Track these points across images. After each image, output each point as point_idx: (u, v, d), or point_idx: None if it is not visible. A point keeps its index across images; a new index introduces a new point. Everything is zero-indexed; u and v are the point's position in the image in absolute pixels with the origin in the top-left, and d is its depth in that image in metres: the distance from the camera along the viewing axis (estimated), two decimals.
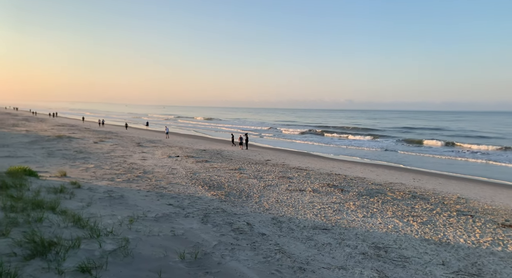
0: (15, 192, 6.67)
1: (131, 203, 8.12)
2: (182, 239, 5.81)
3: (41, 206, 5.91)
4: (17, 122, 43.13)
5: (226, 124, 74.49)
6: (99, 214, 6.38)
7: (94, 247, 4.48)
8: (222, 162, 18.44)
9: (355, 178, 15.38)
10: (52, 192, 7.52)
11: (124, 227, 5.74)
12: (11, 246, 3.94)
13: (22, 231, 4.54)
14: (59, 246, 4.16)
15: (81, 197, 7.80)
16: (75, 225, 5.25)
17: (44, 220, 5.16)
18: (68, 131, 33.62)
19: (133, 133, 37.27)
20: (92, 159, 16.40)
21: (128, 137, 31.53)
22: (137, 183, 11.30)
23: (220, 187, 11.78)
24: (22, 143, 21.08)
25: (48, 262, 3.75)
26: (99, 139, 27.66)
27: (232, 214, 8.37)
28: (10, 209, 5.36)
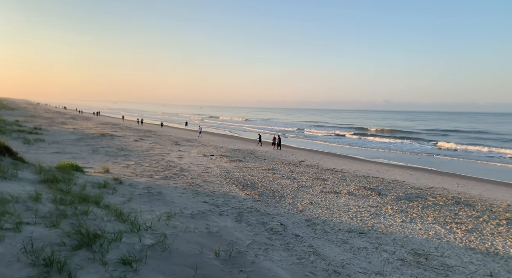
0: (64, 186, 7.13)
1: (168, 199, 8.39)
2: (217, 237, 5.91)
3: (87, 200, 6.27)
4: (66, 120, 46.13)
5: (257, 125, 74.58)
6: (139, 209, 6.66)
7: (134, 241, 4.68)
8: (255, 162, 18.54)
9: (393, 181, 14.82)
10: (96, 187, 7.96)
11: (162, 223, 5.94)
12: (61, 236, 4.21)
13: (70, 222, 4.84)
14: (103, 238, 4.39)
15: (122, 192, 8.19)
16: (117, 219, 5.52)
17: (90, 213, 5.46)
18: (111, 129, 35.42)
19: (171, 132, 38.51)
20: (133, 156, 17.16)
21: (166, 136, 32.62)
22: (174, 180, 11.66)
23: (254, 187, 11.84)
24: (70, 140, 22.51)
25: (93, 253, 3.97)
26: (139, 137, 28.88)
27: (265, 214, 8.39)
28: (60, 201, 5.74)
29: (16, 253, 3.54)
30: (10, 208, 4.81)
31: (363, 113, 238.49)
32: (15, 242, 3.80)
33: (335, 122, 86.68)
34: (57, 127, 33.43)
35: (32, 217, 4.70)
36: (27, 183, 6.72)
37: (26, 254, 3.57)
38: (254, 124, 74.99)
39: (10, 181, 6.51)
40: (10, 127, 24.72)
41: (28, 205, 5.22)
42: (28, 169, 7.97)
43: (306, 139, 43.70)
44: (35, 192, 5.83)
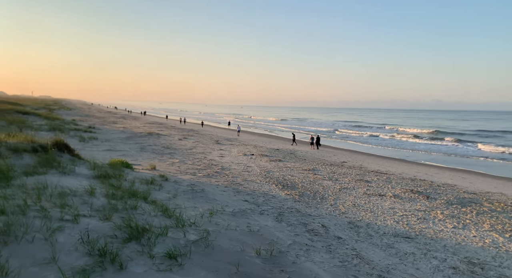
0: (115, 182, 7.58)
1: (210, 197, 8.61)
2: (258, 235, 5.95)
3: (136, 195, 6.61)
4: (116, 120, 49.11)
5: (291, 124, 73.58)
6: (183, 206, 6.90)
7: (179, 236, 4.86)
8: (295, 162, 18.40)
9: (443, 185, 13.94)
10: (144, 183, 8.36)
11: (205, 219, 6.11)
12: (113, 229, 4.49)
13: (121, 216, 5.14)
14: (150, 232, 4.61)
15: (168, 188, 8.53)
16: (163, 214, 5.76)
17: (138, 208, 5.76)
18: (157, 128, 37.10)
19: (212, 132, 39.46)
20: (177, 154, 17.83)
21: (207, 135, 33.49)
22: (216, 178, 11.93)
23: (294, 187, 11.76)
24: (120, 139, 23.93)
25: (142, 246, 4.18)
26: (183, 136, 29.93)
27: (306, 214, 8.30)
28: (111, 196, 6.12)
29: (74, 243, 3.83)
30: (69, 201, 5.21)
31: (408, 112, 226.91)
32: (73, 232, 4.11)
33: (374, 122, 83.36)
34: (108, 126, 35.68)
35: (88, 210, 5.05)
36: (83, 178, 7.25)
37: (83, 244, 3.85)
38: (288, 124, 74.13)
39: (68, 176, 7.06)
40: (68, 126, 26.83)
41: (84, 198, 5.62)
42: (83, 165, 8.58)
43: (340, 139, 42.45)
44: (90, 186, 6.26)
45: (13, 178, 5.72)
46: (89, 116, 52.37)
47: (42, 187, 5.53)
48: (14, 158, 7.15)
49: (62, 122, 29.97)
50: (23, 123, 22.53)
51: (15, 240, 3.57)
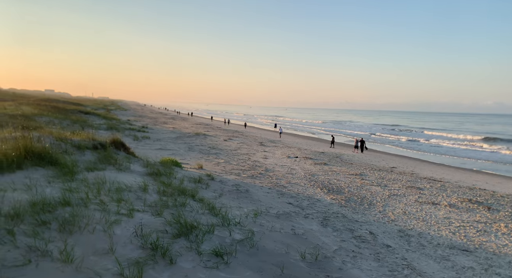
0: (165, 179, 7.94)
1: (255, 198, 8.67)
2: (302, 239, 5.88)
3: (184, 193, 6.87)
4: (166, 120, 51.51)
5: (329, 127, 71.13)
6: (228, 205, 7.04)
7: (225, 234, 4.96)
8: (341, 166, 17.92)
9: (507, 196, 12.71)
10: (192, 182, 8.67)
11: (249, 220, 6.17)
12: (163, 224, 4.70)
13: (171, 212, 5.37)
14: (198, 229, 4.76)
15: (214, 188, 8.75)
16: (210, 213, 5.92)
17: (187, 205, 5.97)
18: (204, 129, 38.28)
19: (255, 133, 39.81)
20: (222, 155, 18.23)
21: (251, 136, 33.85)
22: (260, 180, 12.00)
23: (340, 192, 11.45)
24: (170, 138, 25.05)
25: (190, 242, 4.33)
26: (228, 137, 30.57)
27: (353, 220, 8.03)
28: (162, 193, 6.42)
29: (129, 236, 4.08)
30: (125, 196, 5.55)
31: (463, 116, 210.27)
32: (128, 226, 4.38)
33: (418, 126, 78.33)
34: (159, 126, 37.53)
35: (141, 205, 5.35)
36: (137, 174, 7.69)
37: (137, 238, 4.08)
38: (328, 127, 71.77)
39: (124, 173, 7.53)
40: (123, 126, 28.67)
41: (138, 194, 5.96)
42: (138, 163, 9.10)
43: (379, 143, 40.28)
44: (143, 183, 6.63)
45: (77, 173, 6.23)
46: (142, 117, 55.49)
47: (101, 182, 5.95)
48: (77, 154, 7.78)
49: (118, 122, 32.10)
50: (84, 122, 24.50)
51: (79, 230, 3.88)
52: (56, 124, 17.99)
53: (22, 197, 4.37)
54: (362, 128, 69.50)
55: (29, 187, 4.89)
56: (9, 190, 4.57)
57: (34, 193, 4.65)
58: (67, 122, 21.66)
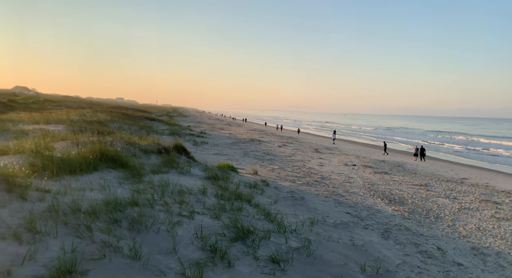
0: (223, 183, 8.18)
1: (311, 205, 8.52)
2: (362, 251, 5.61)
3: (241, 197, 7.00)
4: (223, 126, 53.20)
5: (380, 134, 66.29)
6: (284, 212, 7.00)
7: (281, 241, 4.93)
8: (404, 176, 16.83)
9: None
10: (248, 187, 8.80)
11: (305, 228, 6.07)
12: (222, 227, 4.83)
13: (228, 216, 5.49)
14: (254, 235, 4.80)
15: (269, 194, 8.79)
16: (266, 218, 5.94)
17: (243, 210, 6.07)
18: (258, 135, 38.78)
19: (310, 140, 39.23)
20: (277, 161, 18.26)
21: (306, 143, 33.43)
22: (316, 187, 11.77)
23: (403, 203, 10.75)
24: (226, 144, 25.81)
25: (247, 247, 4.38)
26: (282, 143, 30.57)
27: (417, 234, 7.47)
28: (220, 197, 6.61)
29: (190, 237, 4.25)
30: (186, 198, 5.82)
31: None
32: (189, 227, 4.57)
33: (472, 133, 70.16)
34: (216, 132, 38.90)
35: (201, 207, 5.56)
36: (197, 178, 8.02)
37: (197, 239, 4.24)
38: (377, 134, 67.29)
39: (185, 176, 7.91)
40: (184, 131, 30.24)
41: (198, 197, 6.21)
42: (197, 167, 9.50)
43: (432, 150, 36.55)
44: (202, 186, 6.89)
45: (143, 175, 6.70)
46: (201, 123, 58.02)
47: (165, 184, 6.32)
48: (144, 158, 8.37)
49: (180, 128, 33.95)
50: (150, 128, 26.34)
51: (145, 229, 4.15)
52: (125, 129, 19.59)
53: (98, 196, 4.81)
54: (415, 135, 64.75)
55: (103, 187, 5.37)
56: (87, 190, 5.06)
57: (108, 193, 5.09)
58: (135, 128, 23.47)
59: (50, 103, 60.35)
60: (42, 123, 15.62)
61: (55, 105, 56.06)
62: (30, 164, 5.52)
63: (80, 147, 6.95)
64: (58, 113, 24.59)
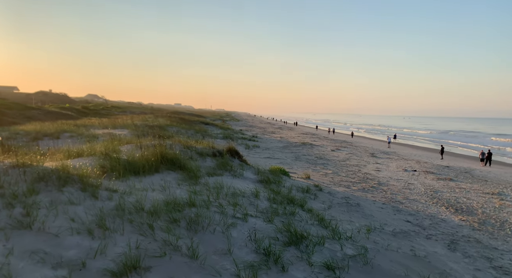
0: (275, 187, 8.19)
1: (367, 212, 8.16)
2: (425, 262, 5.23)
3: (293, 202, 6.94)
4: (274, 130, 53.42)
5: (431, 137, 60.38)
6: (338, 218, 6.79)
7: (336, 248, 4.79)
8: (472, 183, 15.38)
9: None
10: (300, 191, 8.71)
11: (361, 235, 5.82)
12: (275, 231, 4.82)
13: (281, 220, 5.48)
14: (308, 240, 4.72)
15: (322, 199, 8.60)
16: (319, 224, 5.81)
17: (296, 215, 6.01)
18: (310, 139, 38.25)
19: (365, 143, 37.67)
20: (330, 165, 17.83)
21: (361, 147, 32.17)
22: (372, 194, 11.25)
23: (471, 212, 9.82)
24: (278, 148, 25.85)
25: (301, 252, 4.32)
26: (335, 147, 29.79)
27: (490, 247, 6.76)
28: (273, 200, 6.62)
29: (244, 239, 4.32)
30: (239, 201, 5.93)
31: None
32: (243, 229, 4.64)
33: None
34: (268, 136, 39.17)
35: (254, 210, 5.62)
36: (250, 181, 8.14)
37: (251, 242, 4.28)
38: (432, 137, 61.32)
39: (238, 179, 8.07)
40: (237, 135, 30.93)
41: (251, 200, 6.29)
42: (249, 170, 9.64)
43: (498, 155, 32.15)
44: (255, 189, 6.97)
45: (199, 177, 6.97)
46: (253, 127, 58.88)
47: (220, 187, 6.50)
48: (200, 161, 8.71)
49: (232, 132, 34.81)
50: (205, 132, 27.39)
51: (202, 229, 4.30)
52: (183, 133, 20.60)
53: (159, 197, 5.10)
54: (475, 139, 58.45)
55: (164, 188, 5.69)
56: (149, 190, 5.40)
57: (167, 194, 5.38)
58: (191, 132, 24.57)
59: (116, 109, 65.86)
60: (110, 128, 17.06)
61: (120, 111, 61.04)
62: (100, 165, 6.05)
63: (143, 149, 7.45)
64: (124, 119, 26.70)
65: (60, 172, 4.87)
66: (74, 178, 4.84)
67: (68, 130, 15.88)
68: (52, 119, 27.00)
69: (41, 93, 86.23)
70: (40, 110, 38.96)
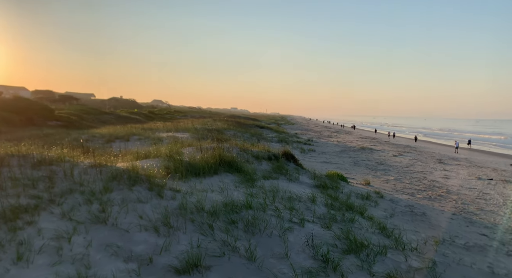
0: (332, 193, 7.97)
1: (434, 222, 7.55)
2: None
3: (352, 208, 6.68)
4: (331, 134, 52.10)
5: None
6: (401, 227, 6.38)
7: (399, 259, 4.50)
8: None
9: None
10: (359, 198, 8.36)
11: (429, 247, 5.40)
12: (333, 238, 4.69)
13: (339, 227, 5.31)
14: (369, 249, 4.51)
15: (384, 207, 8.16)
16: (381, 233, 5.52)
17: (355, 222, 5.78)
18: (369, 143, 36.58)
19: (432, 149, 34.93)
20: (392, 172, 16.85)
21: (426, 152, 29.92)
22: (440, 203, 10.38)
23: None
24: (335, 152, 25.15)
25: (361, 261, 4.14)
26: (397, 152, 28.10)
27: None
28: (330, 206, 6.45)
29: (301, 244, 4.26)
30: (295, 205, 5.88)
31: None
32: (300, 234, 4.58)
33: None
34: (324, 139, 38.34)
35: (311, 216, 5.52)
36: (306, 186, 8.03)
37: (308, 247, 4.21)
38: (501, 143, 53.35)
39: (294, 183, 8.02)
40: (291, 139, 30.78)
41: (307, 205, 6.20)
42: (305, 174, 9.52)
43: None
44: (312, 194, 6.86)
45: (255, 180, 7.06)
46: (308, 130, 58.12)
47: (275, 190, 6.52)
48: (256, 164, 8.83)
49: (287, 135, 34.74)
50: (260, 135, 27.73)
51: (259, 232, 4.34)
52: (239, 137, 21.10)
53: (218, 198, 5.28)
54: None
55: (222, 189, 5.87)
56: (209, 191, 5.61)
57: (226, 195, 5.54)
58: (247, 135, 25.04)
59: (178, 114, 69.87)
60: (173, 131, 18.12)
61: (182, 115, 64.58)
62: (165, 167, 6.44)
63: (203, 152, 7.78)
64: (185, 122, 28.17)
65: (130, 172, 5.29)
66: (142, 178, 5.22)
67: (137, 133, 17.22)
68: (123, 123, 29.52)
69: (113, 100, 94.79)
70: (112, 115, 42.85)
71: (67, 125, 26.70)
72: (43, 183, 4.47)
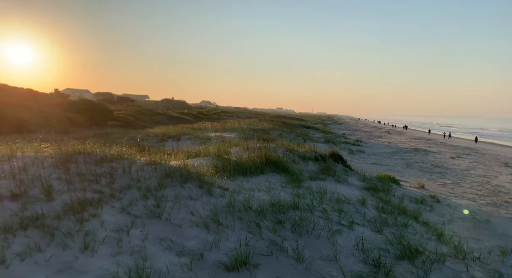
0: (383, 195, 7.63)
1: (500, 231, 6.90)
2: None
3: (405, 212, 6.34)
4: (381, 134, 49.88)
5: None
6: (461, 235, 5.92)
7: (460, 268, 4.18)
8: None
9: None
10: (413, 202, 7.91)
11: (493, 257, 4.95)
12: (385, 242, 4.49)
13: (391, 231, 5.07)
14: (424, 255, 4.25)
15: (440, 212, 7.64)
16: (438, 239, 5.17)
17: (409, 227, 5.47)
18: (424, 144, 34.41)
19: (496, 151, 31.91)
20: (449, 175, 15.71)
21: (490, 154, 27.42)
22: (507, 210, 9.46)
23: None
24: (385, 153, 24.04)
25: (416, 268, 3.91)
26: (455, 154, 26.11)
27: None
28: (381, 209, 6.18)
29: (351, 248, 4.14)
30: (344, 207, 5.73)
31: None
32: (349, 237, 4.46)
33: None
34: (374, 140, 36.83)
35: (361, 219, 5.34)
36: (355, 188, 7.78)
37: (358, 251, 4.08)
38: None
39: (342, 184, 7.81)
40: (339, 139, 30.00)
41: (357, 207, 6.00)
42: (354, 176, 9.23)
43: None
44: (361, 197, 6.62)
45: (302, 181, 6.99)
46: (356, 131, 56.23)
47: (323, 191, 6.40)
48: (302, 164, 8.74)
49: (334, 136, 33.92)
50: (306, 135, 27.40)
51: (306, 233, 4.30)
52: (284, 137, 21.04)
53: (265, 197, 5.32)
54: None
55: (269, 189, 5.90)
56: (256, 190, 5.68)
57: (272, 195, 5.56)
58: (293, 135, 24.88)
59: (225, 114, 71.61)
60: (220, 131, 18.60)
61: (229, 116, 66.09)
62: (213, 165, 6.64)
63: (250, 152, 7.88)
64: (231, 123, 28.76)
65: (182, 170, 5.53)
66: (193, 176, 5.43)
67: (187, 133, 17.95)
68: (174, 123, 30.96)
69: (165, 101, 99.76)
70: (164, 115, 45.12)
71: (125, 125, 28.65)
72: (105, 179, 4.84)
